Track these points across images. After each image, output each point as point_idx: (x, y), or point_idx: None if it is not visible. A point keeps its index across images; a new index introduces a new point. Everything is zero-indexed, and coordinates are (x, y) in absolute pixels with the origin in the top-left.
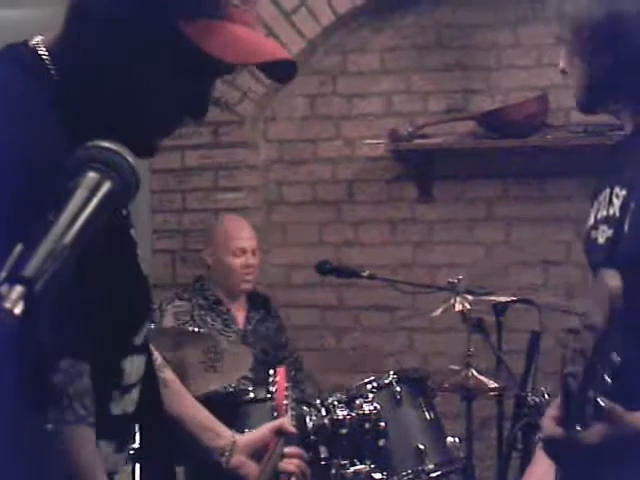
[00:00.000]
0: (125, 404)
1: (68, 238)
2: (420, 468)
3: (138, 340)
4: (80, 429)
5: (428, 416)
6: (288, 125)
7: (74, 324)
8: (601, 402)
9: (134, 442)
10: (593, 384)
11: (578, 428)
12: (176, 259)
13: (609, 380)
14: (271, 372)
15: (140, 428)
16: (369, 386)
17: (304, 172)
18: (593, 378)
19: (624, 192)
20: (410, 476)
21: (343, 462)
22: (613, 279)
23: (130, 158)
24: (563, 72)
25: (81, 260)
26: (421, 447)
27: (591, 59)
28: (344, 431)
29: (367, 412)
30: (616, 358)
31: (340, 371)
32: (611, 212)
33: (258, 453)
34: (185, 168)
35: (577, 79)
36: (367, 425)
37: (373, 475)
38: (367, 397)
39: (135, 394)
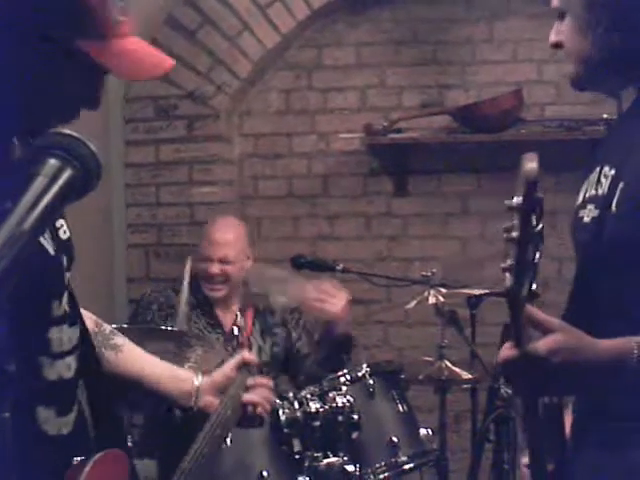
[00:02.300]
0: (60, 370)
1: (27, 224)
2: (393, 460)
3: (57, 311)
4: None
5: (401, 408)
6: (263, 119)
7: None
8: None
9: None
10: (527, 269)
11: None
12: (150, 253)
13: (538, 256)
14: (238, 314)
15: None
16: (342, 379)
17: (279, 166)
18: (526, 260)
19: (613, 172)
20: (383, 468)
21: (316, 454)
22: (530, 162)
23: (92, 146)
24: (556, 46)
25: None
26: (394, 439)
27: (600, 34)
28: (317, 424)
29: (340, 405)
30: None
31: None
32: (599, 192)
33: (225, 391)
34: (159, 162)
35: (577, 54)
36: (340, 418)
37: (346, 467)
38: (340, 390)
39: (70, 360)
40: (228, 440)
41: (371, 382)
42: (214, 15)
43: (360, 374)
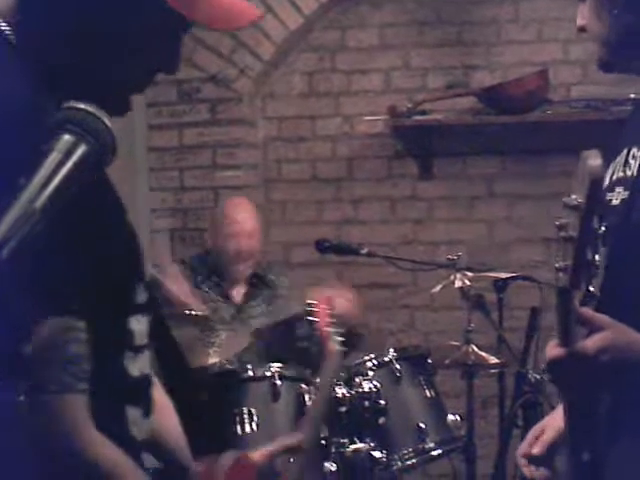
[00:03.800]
0: (141, 365)
1: (39, 202)
2: (420, 446)
3: (139, 299)
4: (63, 398)
5: (428, 394)
6: (287, 102)
7: (64, 282)
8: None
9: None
10: (584, 270)
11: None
12: (175, 238)
13: (597, 260)
14: (312, 300)
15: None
16: (369, 364)
17: (303, 149)
18: (584, 261)
19: None
20: (410, 454)
21: (343, 440)
22: (594, 158)
23: (107, 120)
24: (581, 30)
25: (71, 217)
26: (421, 425)
27: (615, 15)
28: (344, 409)
29: (367, 390)
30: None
31: None
32: (628, 173)
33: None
34: (183, 146)
35: (603, 35)
36: (367, 403)
37: (373, 453)
38: (367, 375)
39: (147, 355)
40: (254, 425)
41: (398, 367)
42: None
43: (387, 359)
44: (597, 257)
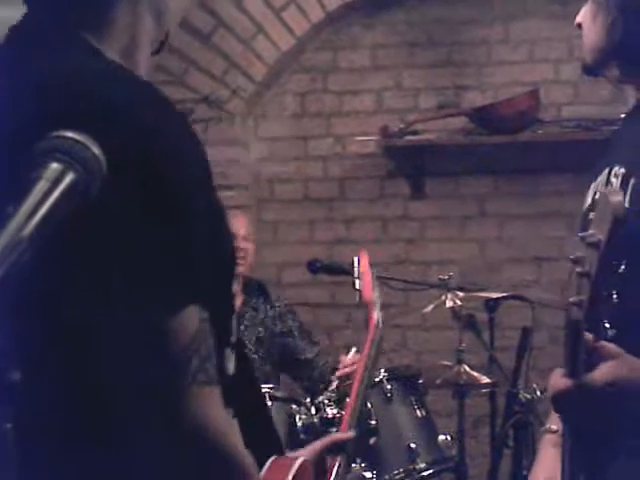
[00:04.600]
0: (231, 364)
1: (27, 231)
2: (411, 467)
3: (233, 289)
4: (210, 389)
5: (419, 414)
6: (279, 123)
7: (191, 270)
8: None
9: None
10: (599, 306)
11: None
12: None
13: (615, 298)
14: (355, 260)
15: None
16: None
17: (295, 170)
18: (599, 297)
19: (623, 170)
20: (401, 475)
21: None
22: (616, 195)
23: (95, 148)
24: (578, 26)
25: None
26: (412, 445)
27: (610, 23)
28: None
29: None
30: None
31: None
32: None
33: None
34: None
35: (593, 36)
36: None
37: (364, 474)
38: None
39: (233, 355)
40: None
41: (389, 387)
42: (228, 18)
43: (378, 379)
44: (614, 294)
